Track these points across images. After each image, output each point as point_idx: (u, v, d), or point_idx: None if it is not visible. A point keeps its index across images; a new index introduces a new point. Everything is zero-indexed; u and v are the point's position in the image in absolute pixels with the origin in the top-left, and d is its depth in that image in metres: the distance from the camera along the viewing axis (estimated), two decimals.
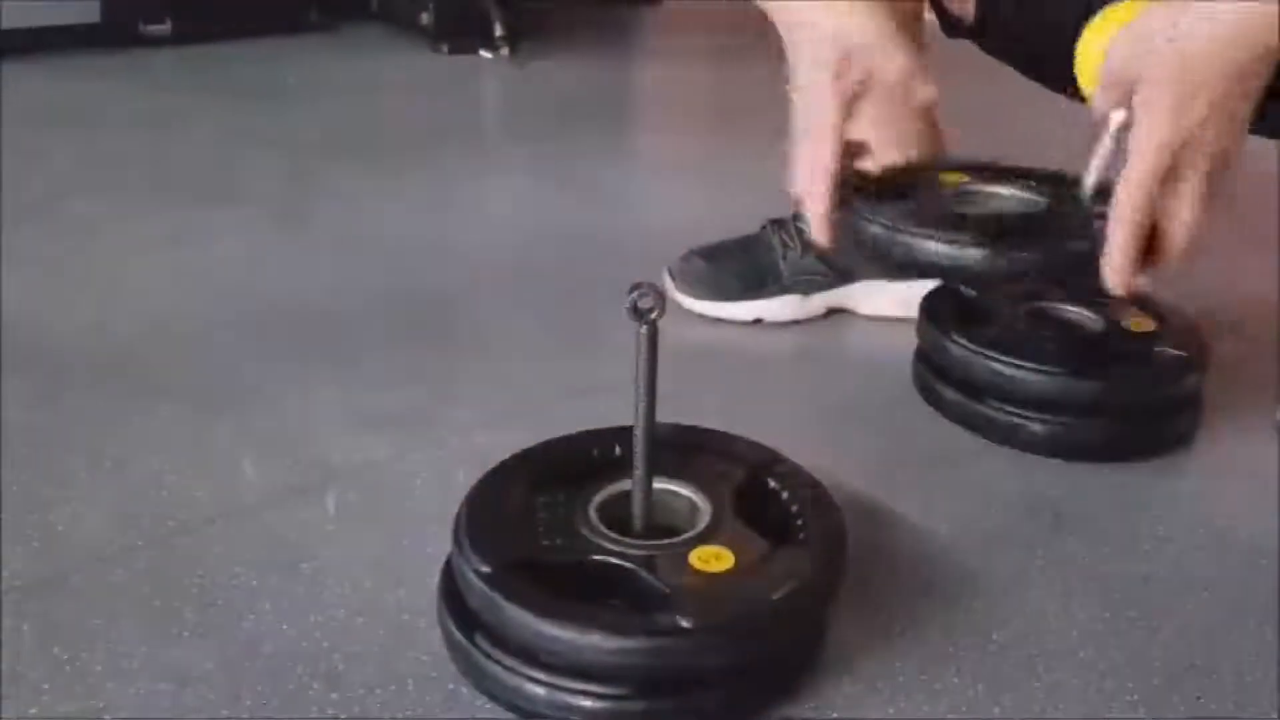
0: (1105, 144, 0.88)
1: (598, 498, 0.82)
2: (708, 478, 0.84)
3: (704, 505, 0.82)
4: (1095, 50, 0.90)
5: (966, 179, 1.07)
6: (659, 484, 0.81)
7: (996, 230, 0.97)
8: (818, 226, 0.96)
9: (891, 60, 0.93)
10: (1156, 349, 1.09)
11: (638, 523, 0.80)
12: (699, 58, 2.59)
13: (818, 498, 0.84)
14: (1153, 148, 0.82)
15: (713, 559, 0.76)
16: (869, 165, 1.01)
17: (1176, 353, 1.09)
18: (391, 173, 1.75)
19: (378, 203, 1.64)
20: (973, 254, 0.96)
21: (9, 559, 0.87)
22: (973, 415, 1.10)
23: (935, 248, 0.96)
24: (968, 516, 0.99)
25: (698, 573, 0.75)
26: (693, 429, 0.90)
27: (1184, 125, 0.81)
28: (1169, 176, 0.83)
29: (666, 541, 0.78)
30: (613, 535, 0.78)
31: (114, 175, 1.71)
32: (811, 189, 0.95)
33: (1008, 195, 1.06)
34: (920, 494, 1.01)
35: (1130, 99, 0.83)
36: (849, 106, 0.95)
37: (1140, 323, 1.12)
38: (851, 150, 0.98)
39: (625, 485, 0.81)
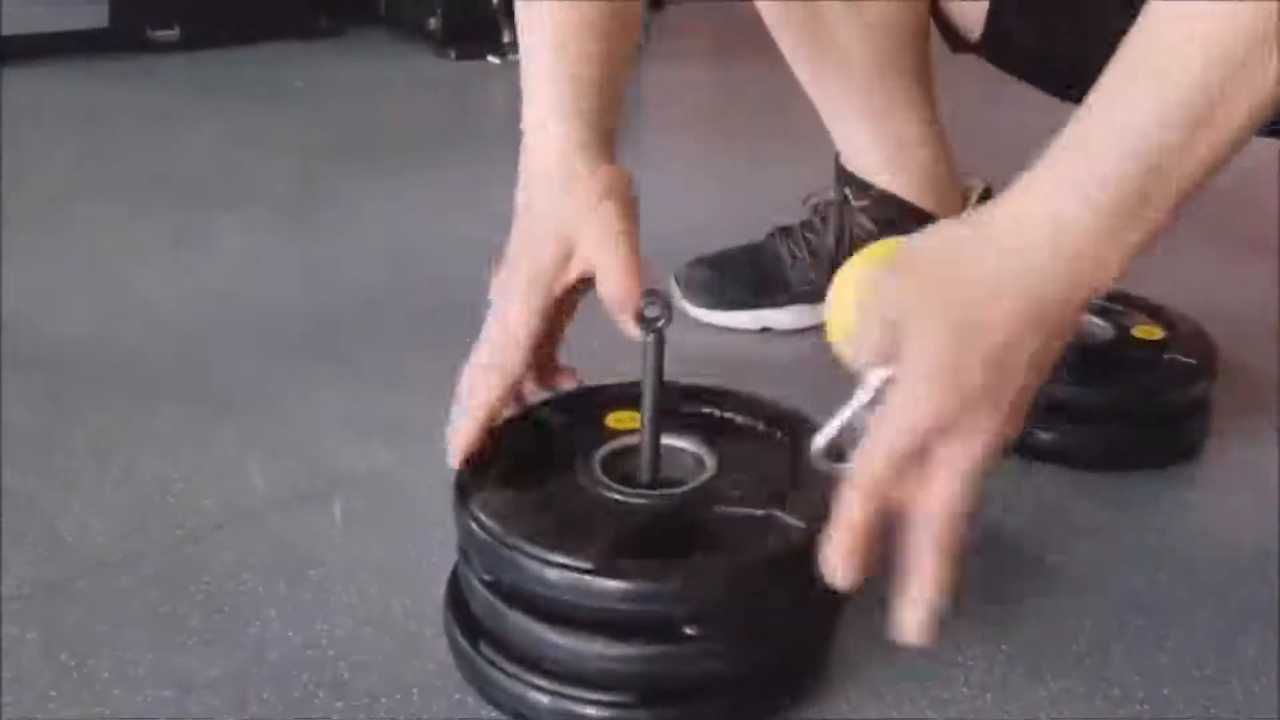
0: (858, 400, 0.68)
1: None
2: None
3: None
4: (849, 293, 0.79)
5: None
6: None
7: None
8: (453, 452, 0.79)
9: (611, 276, 0.79)
10: (1166, 357, 1.09)
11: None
12: (704, 62, 2.59)
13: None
14: (905, 421, 0.64)
15: None
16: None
17: (1186, 360, 1.08)
18: (398, 177, 1.75)
19: (383, 207, 1.64)
20: None
21: (15, 565, 0.87)
22: None
23: None
24: (975, 523, 0.99)
25: None
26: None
27: (949, 402, 0.63)
28: (921, 457, 0.65)
29: None
30: None
31: (120, 178, 1.71)
32: (468, 416, 0.79)
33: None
34: None
35: (892, 353, 0.65)
36: (550, 317, 0.81)
37: (1149, 330, 1.12)
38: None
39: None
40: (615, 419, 0.82)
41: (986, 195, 1.25)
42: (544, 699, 0.72)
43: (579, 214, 0.79)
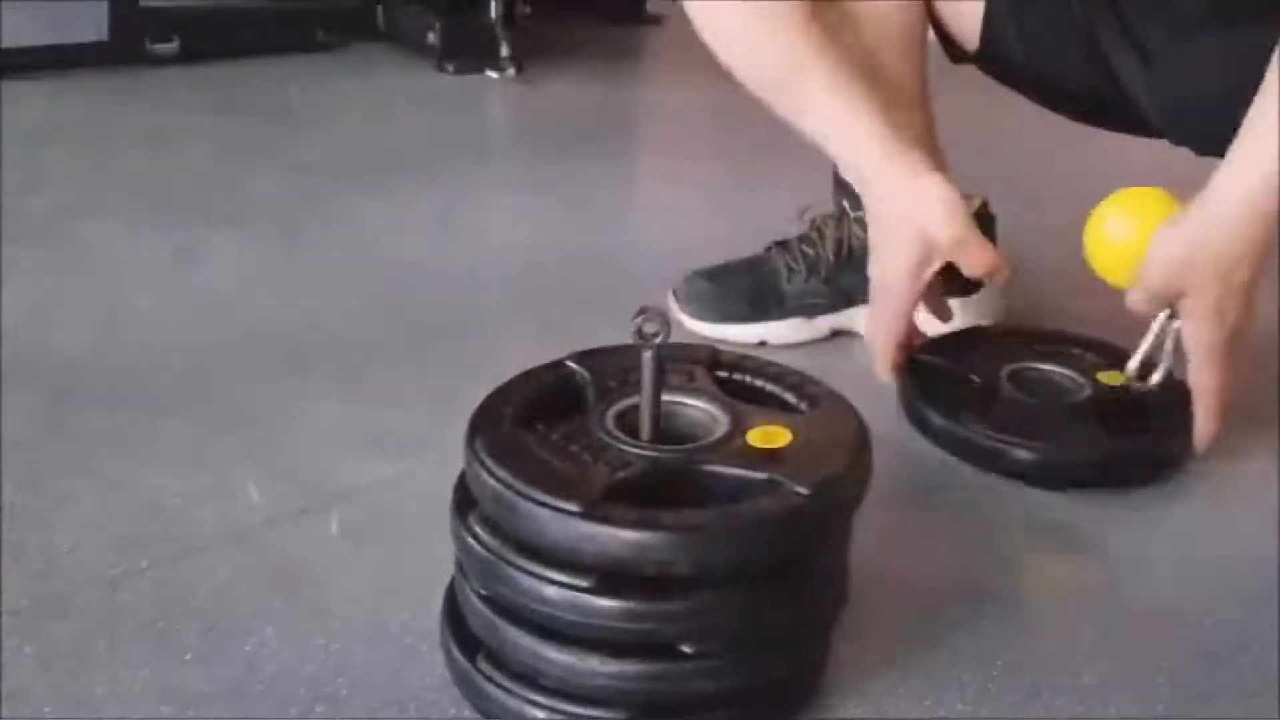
0: (1151, 335, 1.02)
1: None
2: None
3: None
4: (1114, 242, 1.01)
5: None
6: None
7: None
8: (882, 372, 1.12)
9: (974, 257, 1.05)
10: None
11: None
12: (703, 78, 2.60)
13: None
14: (1207, 347, 0.98)
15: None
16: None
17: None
18: (397, 192, 1.75)
19: (383, 222, 1.65)
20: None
21: (12, 581, 0.87)
22: (961, 442, 1.09)
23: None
24: (972, 540, 0.99)
25: None
26: None
27: (1226, 322, 0.97)
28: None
29: None
30: None
31: (119, 194, 1.71)
32: (880, 355, 1.11)
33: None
34: (925, 517, 1.01)
35: (1172, 302, 0.98)
36: (922, 293, 1.08)
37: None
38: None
39: None
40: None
41: (982, 209, 1.26)
42: (540, 714, 0.72)
43: (929, 216, 1.04)
